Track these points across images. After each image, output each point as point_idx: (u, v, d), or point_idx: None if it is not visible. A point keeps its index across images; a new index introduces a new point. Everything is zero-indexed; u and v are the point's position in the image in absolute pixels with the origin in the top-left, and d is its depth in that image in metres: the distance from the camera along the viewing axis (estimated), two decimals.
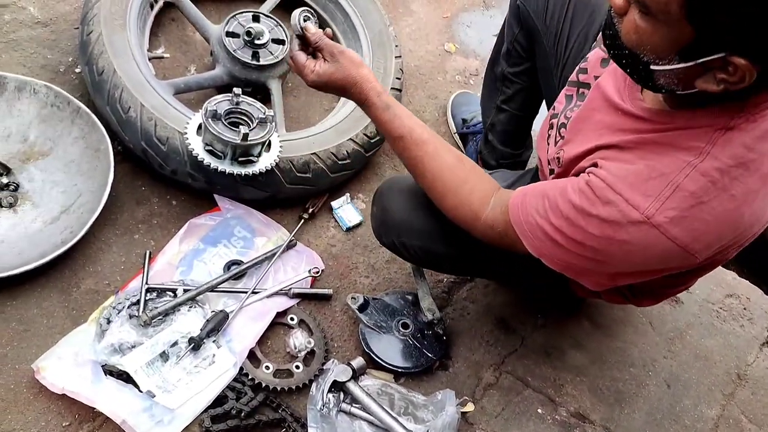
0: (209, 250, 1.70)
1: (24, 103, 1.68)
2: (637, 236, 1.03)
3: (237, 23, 1.85)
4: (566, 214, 1.10)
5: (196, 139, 1.61)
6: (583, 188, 1.09)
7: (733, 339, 1.85)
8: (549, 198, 1.14)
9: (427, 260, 1.54)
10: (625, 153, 1.08)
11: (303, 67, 1.31)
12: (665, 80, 0.99)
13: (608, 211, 1.05)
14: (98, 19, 1.70)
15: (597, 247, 1.08)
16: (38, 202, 1.63)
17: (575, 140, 1.22)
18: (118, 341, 1.45)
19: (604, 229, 1.06)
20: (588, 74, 1.32)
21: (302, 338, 1.61)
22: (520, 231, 1.18)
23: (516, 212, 1.19)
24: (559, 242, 1.13)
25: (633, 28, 0.96)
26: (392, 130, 1.30)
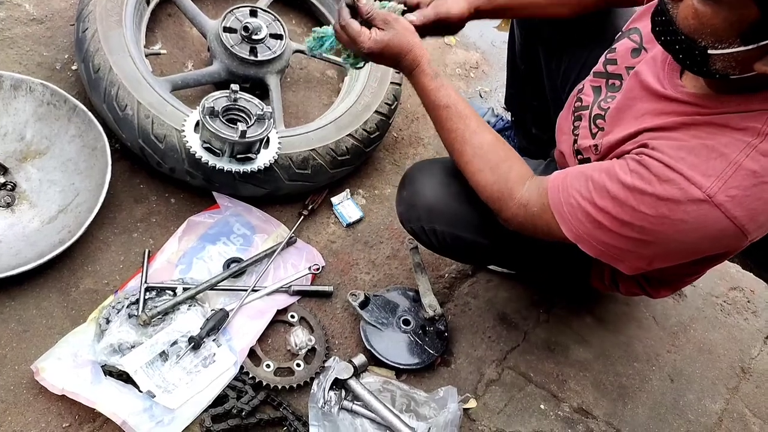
0: (208, 247, 1.69)
1: (20, 102, 1.67)
2: (695, 215, 1.02)
3: (234, 18, 1.83)
4: (615, 194, 1.09)
5: (194, 136, 1.59)
6: (636, 168, 1.08)
7: (737, 332, 1.84)
8: (593, 179, 1.13)
9: (451, 247, 1.50)
10: (674, 133, 1.08)
11: (359, 34, 1.25)
12: (722, 64, 0.98)
13: (666, 190, 1.03)
14: (94, 16, 1.68)
15: (646, 227, 1.07)
16: (36, 201, 1.62)
17: (615, 129, 1.21)
18: (117, 341, 1.44)
19: (660, 208, 1.04)
20: (618, 65, 1.31)
21: (303, 336, 1.60)
22: (559, 213, 1.17)
23: (555, 194, 1.18)
24: (602, 224, 1.12)
25: (692, 12, 0.95)
26: (438, 99, 1.28)
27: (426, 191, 1.43)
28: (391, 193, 1.97)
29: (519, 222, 1.26)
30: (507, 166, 1.27)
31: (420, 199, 1.44)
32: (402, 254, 1.84)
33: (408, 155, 2.07)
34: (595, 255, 1.17)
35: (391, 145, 2.06)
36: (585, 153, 1.31)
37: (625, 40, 1.32)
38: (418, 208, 1.44)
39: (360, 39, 1.25)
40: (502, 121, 2.08)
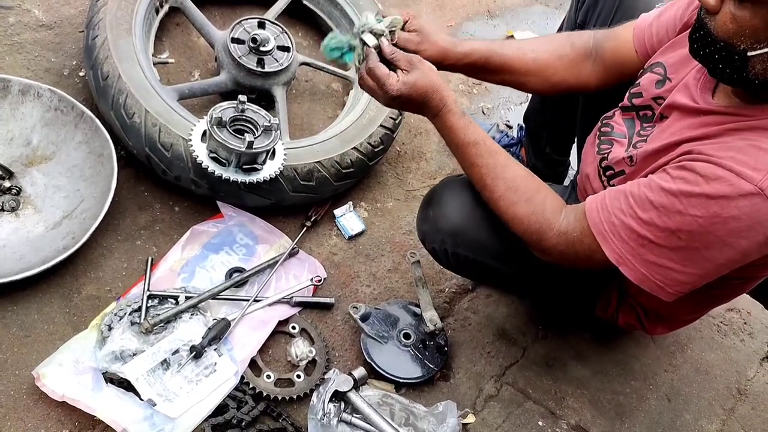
0: (211, 257, 1.69)
1: (27, 107, 1.68)
2: (747, 210, 1.02)
3: (242, 30, 1.85)
4: (659, 204, 1.09)
5: (201, 146, 1.60)
6: (680, 174, 1.08)
7: (734, 353, 1.85)
8: (633, 194, 1.13)
9: (470, 271, 1.51)
10: (718, 138, 1.09)
11: (388, 77, 1.22)
12: (761, 67, 1.01)
13: (716, 187, 1.03)
14: (104, 24, 1.70)
15: (696, 231, 1.07)
16: (40, 206, 1.63)
17: (653, 142, 1.23)
18: (119, 348, 1.44)
19: (710, 206, 1.04)
20: (644, 97, 1.33)
21: (303, 347, 1.60)
22: (600, 234, 1.17)
23: (595, 215, 1.18)
24: (647, 238, 1.11)
25: (729, 18, 0.99)
26: (468, 136, 1.26)
27: (454, 214, 1.41)
28: (393, 206, 1.98)
29: (560, 251, 1.25)
30: (542, 197, 1.26)
31: (447, 222, 1.41)
32: (403, 267, 1.85)
33: (411, 169, 2.08)
34: (637, 280, 1.16)
35: (394, 159, 2.08)
36: (617, 166, 1.31)
37: (648, 74, 1.34)
38: (443, 231, 1.42)
39: (389, 82, 1.22)
40: (507, 137, 2.10)
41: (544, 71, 1.46)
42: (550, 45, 1.48)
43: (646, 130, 1.31)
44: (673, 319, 1.51)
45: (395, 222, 1.95)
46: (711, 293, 1.33)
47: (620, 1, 1.52)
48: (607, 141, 1.39)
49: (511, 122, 2.30)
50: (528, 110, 1.96)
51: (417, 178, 2.07)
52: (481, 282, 1.82)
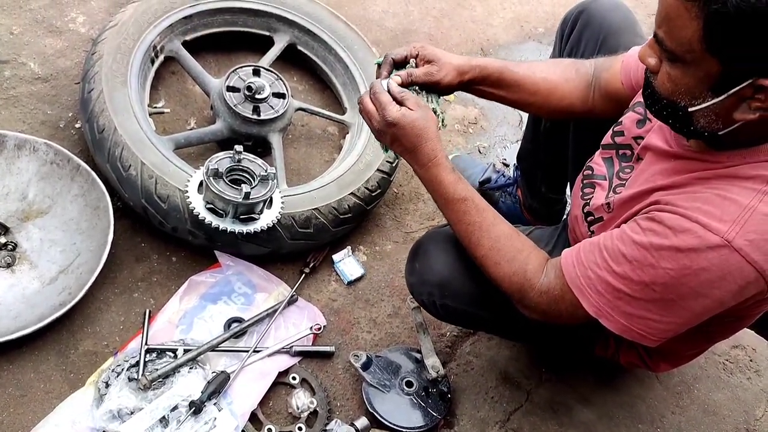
0: (210, 307, 1.68)
1: (23, 161, 1.67)
2: (716, 262, 1.02)
3: (237, 77, 1.86)
4: (632, 257, 1.09)
5: (197, 197, 1.60)
6: (649, 225, 1.09)
7: (741, 392, 1.83)
8: (607, 248, 1.13)
9: (461, 321, 1.51)
10: (686, 187, 1.10)
11: (389, 102, 1.22)
12: (705, 120, 1.03)
13: (684, 240, 1.04)
14: (99, 77, 1.70)
15: (669, 284, 1.07)
16: (36, 261, 1.61)
17: (629, 189, 1.24)
18: (117, 407, 1.42)
19: (680, 259, 1.04)
20: (625, 136, 1.34)
21: (304, 398, 1.58)
22: (577, 288, 1.17)
23: (572, 270, 1.18)
24: (623, 291, 1.11)
25: (666, 77, 1.03)
26: (457, 192, 1.26)
27: (439, 266, 1.40)
28: (392, 249, 1.97)
29: (542, 309, 1.25)
30: (524, 257, 1.26)
31: (433, 274, 1.41)
32: (403, 312, 1.83)
33: (408, 211, 2.08)
34: (618, 331, 1.16)
35: (392, 201, 2.07)
36: (596, 212, 1.32)
37: (630, 113, 1.35)
38: (430, 283, 1.41)
39: (389, 107, 1.22)
40: (503, 177, 2.09)
41: (552, 93, 1.46)
42: (557, 67, 1.49)
43: (625, 173, 1.31)
44: (675, 355, 1.49)
45: (394, 265, 1.93)
46: (705, 330, 1.31)
47: (603, 41, 1.54)
48: (590, 184, 1.39)
49: (507, 161, 2.30)
50: (521, 150, 1.96)
51: (415, 219, 2.06)
52: (475, 329, 1.81)
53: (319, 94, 2.22)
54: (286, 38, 2.12)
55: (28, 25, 1.98)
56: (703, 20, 0.92)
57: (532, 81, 1.44)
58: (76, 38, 2.01)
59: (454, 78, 1.35)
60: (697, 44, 0.94)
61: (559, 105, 1.47)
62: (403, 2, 2.62)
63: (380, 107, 1.23)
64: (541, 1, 2.87)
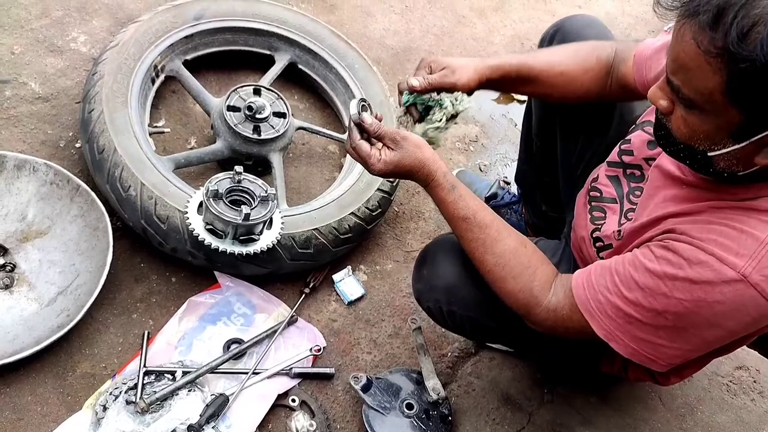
0: (209, 328, 1.67)
1: (23, 182, 1.67)
2: (731, 296, 1.01)
3: (238, 97, 1.86)
4: (644, 284, 1.08)
5: (197, 218, 1.59)
6: (664, 254, 1.07)
7: (745, 414, 1.81)
8: (618, 273, 1.13)
9: (467, 330, 1.49)
10: (701, 216, 1.08)
11: (369, 157, 1.25)
12: (725, 163, 1.02)
13: (699, 272, 1.02)
14: (100, 97, 1.70)
15: (682, 313, 1.06)
16: (35, 283, 1.60)
17: (639, 216, 1.23)
18: (114, 431, 1.40)
19: (695, 291, 1.03)
20: (635, 156, 1.33)
21: (304, 421, 1.56)
22: (587, 311, 1.16)
23: (582, 293, 1.17)
24: (633, 317, 1.10)
25: (682, 122, 1.01)
26: (456, 211, 1.27)
27: (447, 273, 1.40)
28: (393, 268, 1.96)
29: (549, 326, 1.25)
30: (530, 273, 1.25)
31: (440, 280, 1.41)
32: (404, 332, 1.82)
33: (409, 229, 2.07)
34: (627, 355, 1.15)
35: (393, 220, 2.07)
36: (606, 240, 1.31)
37: (640, 132, 1.34)
38: (437, 289, 1.41)
39: (370, 161, 1.25)
40: (509, 194, 2.09)
41: (570, 84, 1.46)
42: (577, 56, 1.47)
43: (635, 195, 1.31)
44: (681, 367, 1.46)
45: (395, 284, 1.92)
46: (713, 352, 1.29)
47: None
48: (599, 208, 1.38)
49: (509, 179, 2.30)
50: (517, 172, 1.97)
51: (416, 238, 2.05)
52: (480, 340, 1.79)
53: (320, 112, 2.22)
54: (287, 57, 2.13)
55: (30, 45, 1.98)
56: (727, 75, 0.90)
57: (550, 75, 1.45)
58: (77, 58, 2.01)
59: (471, 79, 1.36)
60: (718, 96, 0.92)
61: (576, 94, 1.48)
62: (404, 20, 2.62)
63: (364, 162, 1.27)
64: (542, 19, 2.87)
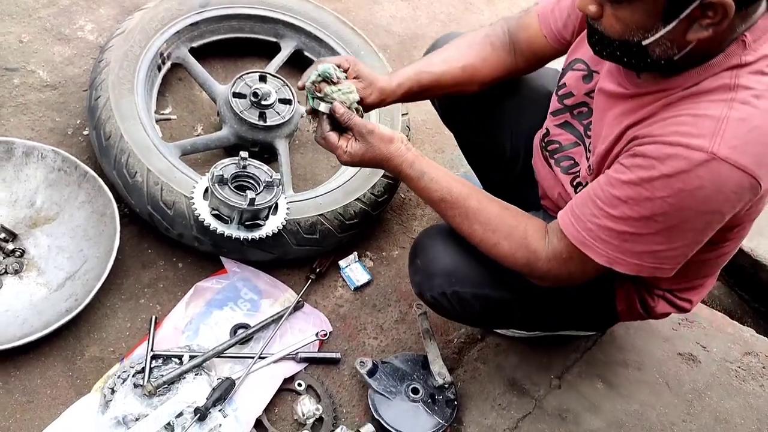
0: (216, 313, 1.68)
1: (31, 168, 1.69)
2: (708, 177, 1.04)
3: (244, 84, 1.86)
4: (626, 197, 1.11)
5: (203, 203, 1.60)
6: (634, 162, 1.11)
7: (753, 400, 1.79)
8: (599, 196, 1.15)
9: (476, 309, 1.46)
10: (656, 117, 1.12)
11: (336, 148, 1.33)
12: (660, 50, 1.07)
13: (672, 165, 1.06)
14: (106, 84, 1.71)
15: (669, 211, 1.09)
16: (44, 268, 1.62)
17: (598, 143, 1.25)
18: (122, 413, 1.42)
19: (673, 184, 1.06)
20: (576, 96, 1.38)
21: (310, 405, 1.57)
22: (583, 244, 1.18)
23: (571, 229, 1.20)
24: (626, 232, 1.13)
25: (614, 20, 1.07)
26: (431, 195, 1.32)
27: (440, 256, 1.42)
28: (399, 254, 1.96)
29: (554, 275, 1.26)
30: (521, 231, 1.27)
31: (436, 264, 1.42)
32: (410, 318, 1.82)
33: (416, 216, 2.07)
34: (633, 272, 1.17)
35: (399, 206, 2.07)
36: (584, 181, 1.33)
37: (570, 72, 1.38)
38: (435, 275, 1.42)
39: (338, 152, 1.32)
40: None
41: (473, 77, 1.52)
42: (472, 49, 1.53)
43: (591, 129, 1.33)
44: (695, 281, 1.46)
45: (401, 270, 1.92)
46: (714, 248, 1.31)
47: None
48: (565, 157, 1.40)
49: None
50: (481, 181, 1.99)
51: (422, 224, 2.05)
52: (492, 322, 1.75)
53: None
54: (293, 44, 2.13)
55: (37, 33, 2.00)
56: None
57: (451, 75, 1.51)
58: (85, 46, 2.03)
59: (377, 99, 1.44)
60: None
61: (485, 81, 1.54)
62: (411, 7, 2.62)
63: (332, 151, 1.34)
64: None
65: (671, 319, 1.96)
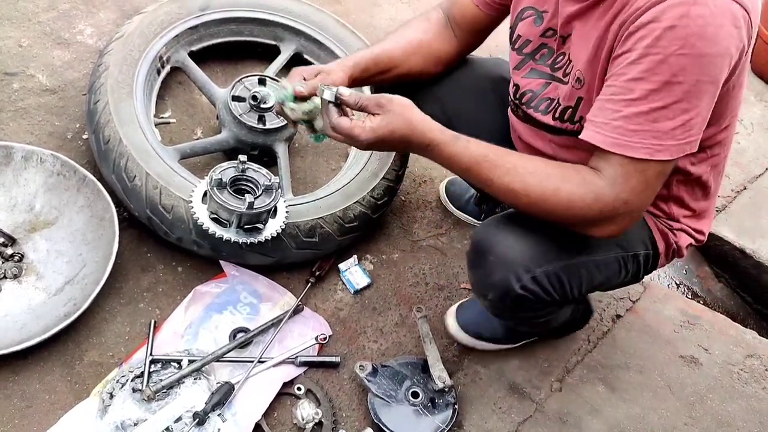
0: (215, 317, 1.67)
1: (30, 173, 1.69)
2: (708, 11, 1.03)
3: (243, 87, 1.86)
4: (640, 73, 1.08)
5: (201, 207, 1.60)
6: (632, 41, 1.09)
7: (756, 403, 1.79)
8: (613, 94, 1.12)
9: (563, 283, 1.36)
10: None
11: (352, 129, 1.18)
12: None
13: (669, 15, 1.04)
14: (105, 88, 1.71)
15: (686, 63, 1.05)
16: (43, 272, 1.62)
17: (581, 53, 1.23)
18: (120, 418, 1.42)
19: (678, 32, 1.04)
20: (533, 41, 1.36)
21: (309, 409, 1.56)
22: (618, 145, 1.11)
23: (600, 137, 1.13)
24: (655, 109, 1.08)
25: None
26: (472, 156, 1.19)
27: (514, 242, 1.31)
28: (399, 257, 1.95)
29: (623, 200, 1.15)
30: (573, 169, 1.18)
31: (511, 255, 1.30)
32: (410, 321, 1.81)
33: (416, 219, 2.06)
34: (675, 154, 1.12)
35: (399, 209, 2.06)
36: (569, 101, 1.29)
37: (521, 23, 1.38)
38: (516, 262, 1.30)
39: (355, 133, 1.18)
40: None
41: (420, 49, 1.53)
42: (409, 28, 1.56)
43: (557, 62, 1.31)
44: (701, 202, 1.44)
45: (401, 274, 1.92)
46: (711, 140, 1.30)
47: None
48: (542, 100, 1.36)
49: None
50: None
51: (422, 227, 2.05)
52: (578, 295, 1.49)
53: None
54: (293, 47, 2.12)
55: (37, 38, 2.00)
56: None
57: (402, 48, 1.52)
58: (84, 50, 2.03)
59: (342, 79, 1.40)
60: None
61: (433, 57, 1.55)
62: (411, 9, 2.61)
63: (348, 137, 1.20)
64: None
65: (673, 321, 1.96)
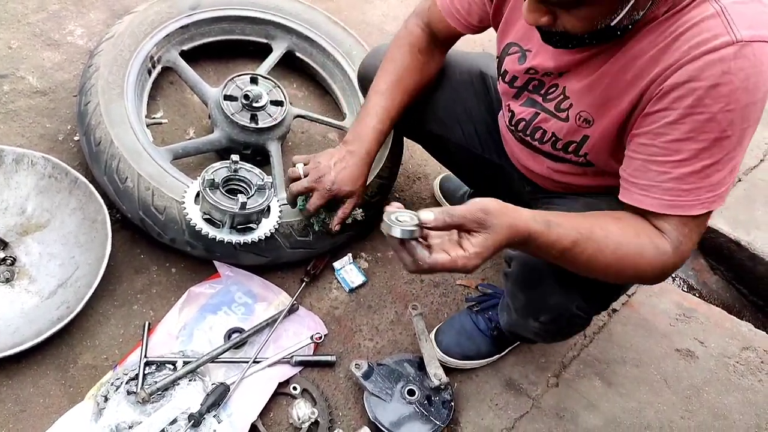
0: (209, 318, 1.67)
1: (22, 175, 1.68)
2: (747, 63, 1.02)
3: (235, 86, 1.85)
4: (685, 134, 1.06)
5: (194, 208, 1.59)
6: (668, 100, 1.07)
7: (752, 395, 1.79)
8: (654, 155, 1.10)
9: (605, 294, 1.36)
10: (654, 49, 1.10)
11: (455, 263, 0.99)
12: (628, 19, 1.06)
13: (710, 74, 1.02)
14: (96, 89, 1.70)
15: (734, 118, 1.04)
16: (35, 276, 1.61)
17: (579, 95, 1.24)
18: (115, 421, 1.41)
19: (721, 90, 1.02)
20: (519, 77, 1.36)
21: (305, 408, 1.56)
22: (672, 206, 1.10)
23: (649, 201, 1.11)
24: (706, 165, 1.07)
25: (575, 21, 1.06)
26: (563, 243, 1.07)
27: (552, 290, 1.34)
28: (394, 255, 1.94)
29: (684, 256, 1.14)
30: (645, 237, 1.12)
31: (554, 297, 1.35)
32: (406, 318, 1.81)
33: None
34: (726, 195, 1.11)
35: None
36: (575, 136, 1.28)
37: (508, 58, 1.38)
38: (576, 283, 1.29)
39: (460, 265, 0.99)
40: None
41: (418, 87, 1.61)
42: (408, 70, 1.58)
43: (550, 93, 1.31)
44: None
45: (396, 271, 1.91)
46: None
47: None
48: (535, 129, 1.37)
49: None
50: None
51: None
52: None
53: (319, 100, 2.21)
54: (285, 45, 2.11)
55: (27, 39, 1.99)
56: None
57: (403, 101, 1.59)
58: (75, 51, 2.01)
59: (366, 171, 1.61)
60: None
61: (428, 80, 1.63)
62: (404, 5, 2.60)
63: (452, 270, 1.02)
64: None
65: (669, 314, 1.95)
